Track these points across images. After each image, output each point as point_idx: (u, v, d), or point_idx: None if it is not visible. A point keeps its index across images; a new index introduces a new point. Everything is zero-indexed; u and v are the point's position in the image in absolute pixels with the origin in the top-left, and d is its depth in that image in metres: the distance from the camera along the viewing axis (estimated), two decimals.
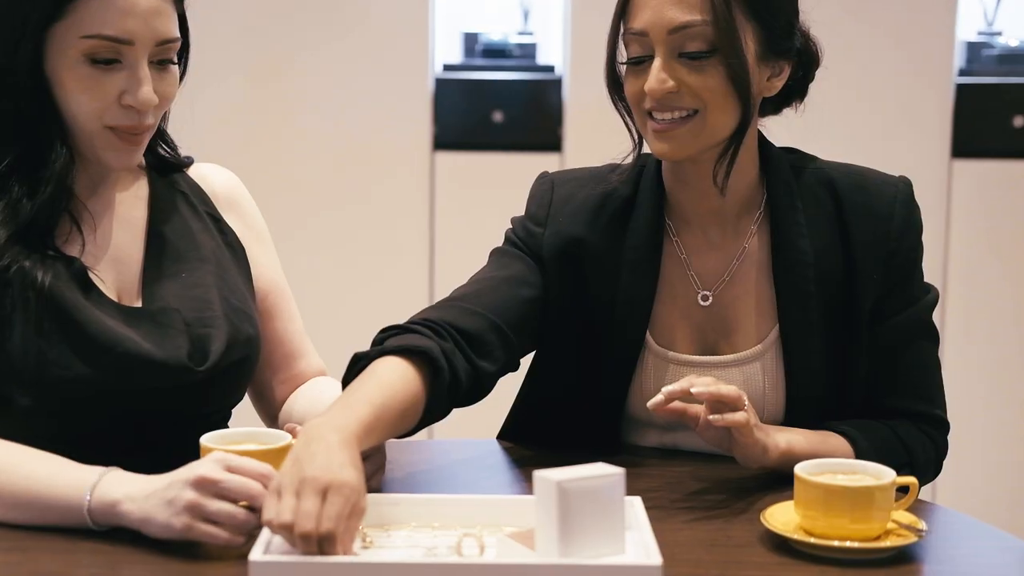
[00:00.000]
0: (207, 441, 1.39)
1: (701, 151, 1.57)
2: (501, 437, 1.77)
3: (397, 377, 1.45)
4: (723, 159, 1.58)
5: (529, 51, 3.45)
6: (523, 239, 1.69)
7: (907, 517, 1.37)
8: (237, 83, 3.25)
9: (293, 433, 1.43)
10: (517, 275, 1.65)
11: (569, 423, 1.69)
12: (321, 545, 1.21)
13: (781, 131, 1.70)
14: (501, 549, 1.25)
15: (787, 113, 1.68)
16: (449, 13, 3.47)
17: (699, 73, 1.53)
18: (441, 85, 3.35)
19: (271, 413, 1.74)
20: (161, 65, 1.51)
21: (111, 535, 1.31)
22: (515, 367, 1.66)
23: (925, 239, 1.68)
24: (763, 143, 1.67)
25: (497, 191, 3.10)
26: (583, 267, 1.66)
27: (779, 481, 1.50)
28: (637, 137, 1.64)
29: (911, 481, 1.38)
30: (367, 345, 1.53)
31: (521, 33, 3.48)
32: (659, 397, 1.45)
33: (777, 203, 1.63)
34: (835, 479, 1.34)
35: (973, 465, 3.41)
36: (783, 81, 1.61)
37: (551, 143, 3.35)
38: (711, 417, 1.45)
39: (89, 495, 1.31)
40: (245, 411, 1.71)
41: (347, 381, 1.48)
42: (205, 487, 1.27)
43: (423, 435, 1.63)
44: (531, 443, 1.73)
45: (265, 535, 1.24)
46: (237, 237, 1.68)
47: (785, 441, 1.53)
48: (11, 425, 1.47)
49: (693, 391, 1.44)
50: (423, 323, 1.54)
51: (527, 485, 1.42)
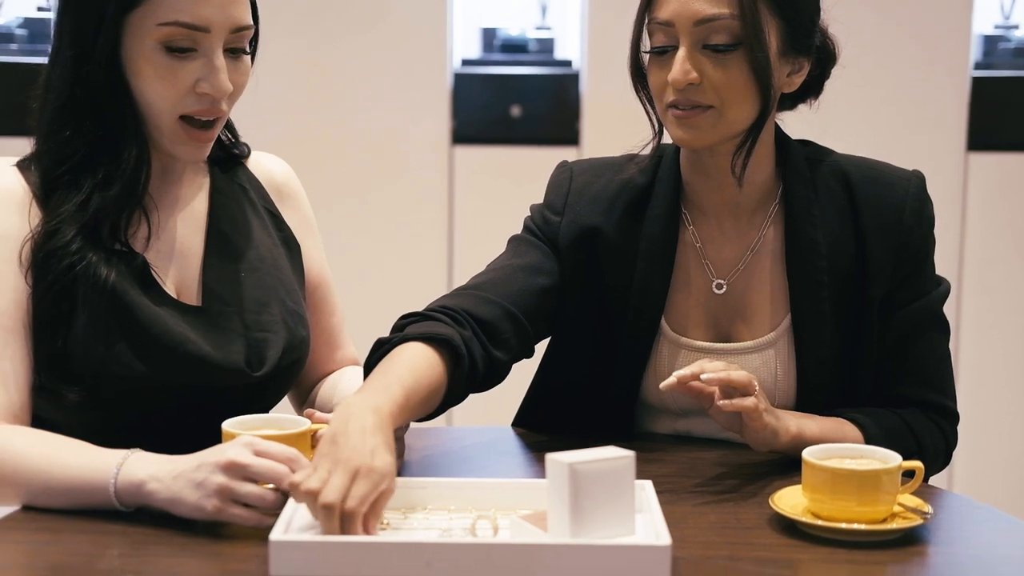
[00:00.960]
0: (229, 427, 1.42)
1: (720, 141, 1.59)
2: (516, 424, 1.80)
3: (423, 362, 1.48)
4: (740, 151, 1.60)
5: (547, 46, 3.46)
6: (540, 227, 1.72)
7: (913, 500, 1.39)
8: (255, 78, 3.26)
9: (312, 418, 1.46)
10: (533, 263, 1.68)
11: (583, 410, 1.72)
12: (343, 523, 1.23)
13: (798, 125, 1.72)
14: (514, 530, 1.28)
15: (803, 107, 1.70)
16: (468, 8, 3.49)
17: (722, 66, 1.55)
18: (460, 80, 3.37)
19: (302, 399, 1.77)
20: (234, 54, 1.53)
21: (137, 517, 1.34)
22: (529, 354, 1.68)
23: (941, 232, 1.70)
24: (780, 136, 1.69)
25: (515, 185, 3.13)
26: (599, 255, 1.68)
27: (788, 466, 1.53)
28: (657, 126, 1.66)
29: (917, 465, 1.40)
30: (384, 330, 1.56)
31: (539, 28, 3.49)
32: (671, 380, 1.47)
33: (792, 195, 1.65)
34: (842, 463, 1.36)
35: (989, 457, 3.42)
36: (802, 78, 1.63)
37: (569, 137, 3.37)
38: (720, 402, 1.48)
39: (115, 476, 1.34)
40: None
41: (370, 365, 1.50)
42: (235, 470, 1.30)
43: (440, 421, 1.66)
44: (545, 430, 1.75)
45: (286, 515, 1.26)
46: (293, 233, 1.69)
47: (796, 426, 1.55)
48: (56, 415, 1.50)
49: (703, 377, 1.46)
50: (442, 311, 1.56)
51: (540, 469, 1.45)
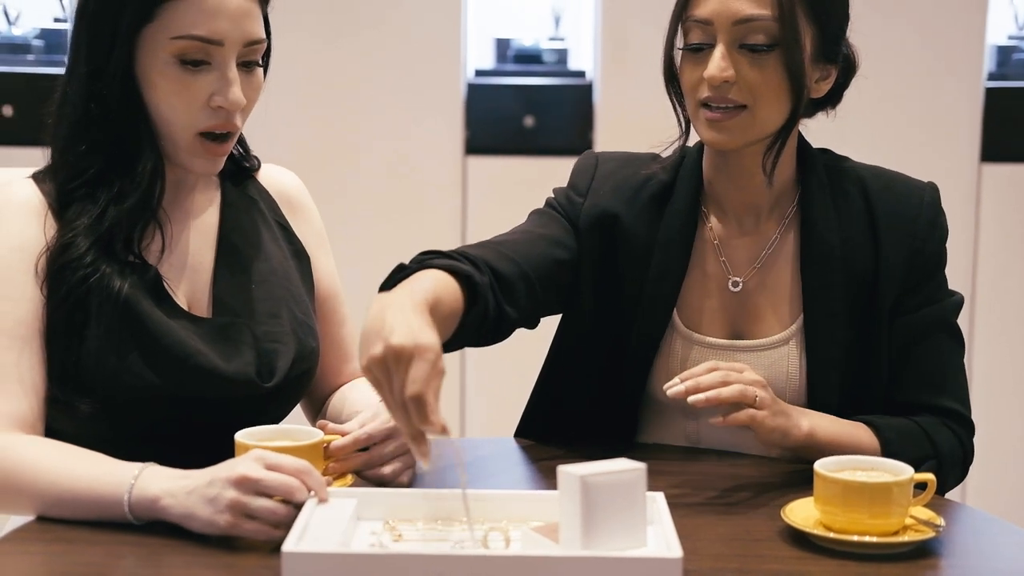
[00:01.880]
0: (242, 438, 1.42)
1: (749, 143, 1.62)
2: (518, 435, 1.79)
3: (446, 285, 1.46)
4: (771, 151, 1.62)
5: (561, 56, 3.47)
6: (564, 206, 1.73)
7: (925, 513, 1.38)
8: (269, 87, 3.27)
9: (325, 430, 1.47)
10: (554, 235, 1.69)
11: (587, 414, 1.72)
12: (416, 408, 1.25)
13: (811, 134, 1.74)
14: (526, 542, 1.28)
15: (818, 116, 1.72)
16: (481, 19, 3.50)
17: (757, 66, 1.57)
18: (473, 90, 3.38)
19: (315, 411, 1.77)
20: (247, 68, 1.54)
21: (152, 528, 1.35)
22: (534, 324, 1.68)
23: (954, 243, 1.71)
24: (801, 141, 1.71)
25: (529, 195, 3.09)
26: (617, 242, 1.69)
27: (799, 478, 1.52)
28: (684, 125, 1.68)
29: (929, 478, 1.40)
30: None
31: (552, 39, 3.50)
32: (676, 383, 1.47)
33: (811, 198, 1.67)
34: (854, 475, 1.36)
35: (1002, 469, 3.40)
36: (829, 84, 1.65)
37: (583, 148, 3.34)
38: (711, 420, 1.49)
39: (129, 492, 1.35)
40: None
41: (386, 285, 1.46)
42: (247, 485, 1.30)
43: (455, 433, 1.66)
44: (550, 436, 1.74)
45: (298, 526, 1.26)
46: (303, 245, 1.70)
47: (808, 424, 1.55)
48: (68, 427, 1.51)
49: (690, 400, 1.46)
50: (463, 255, 1.55)
51: (549, 481, 1.45)
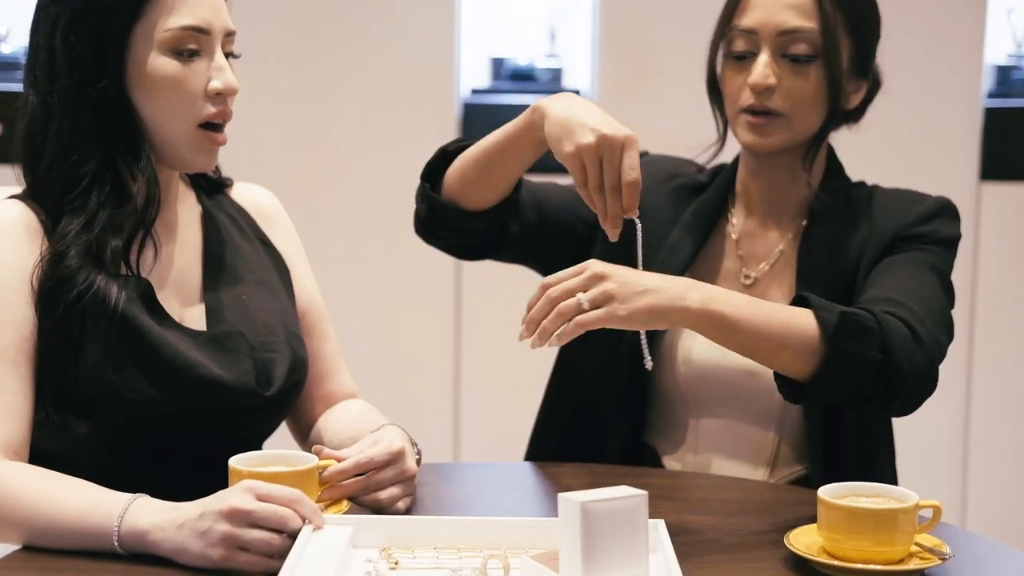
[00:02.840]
0: (236, 463, 1.40)
1: (785, 148, 1.70)
2: (528, 457, 1.79)
3: None
4: (808, 154, 1.71)
5: (556, 75, 3.46)
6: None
7: (931, 540, 1.37)
8: (262, 104, 3.26)
9: (320, 455, 1.45)
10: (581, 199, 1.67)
11: (594, 415, 1.74)
12: (630, 192, 1.43)
13: None
14: (526, 571, 1.26)
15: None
16: (476, 38, 3.49)
17: (799, 76, 1.66)
18: (468, 109, 3.37)
19: (303, 432, 1.75)
20: (227, 58, 1.55)
21: (140, 556, 1.32)
22: (536, 256, 1.81)
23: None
24: (832, 158, 1.76)
25: None
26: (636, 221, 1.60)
27: (803, 504, 1.51)
28: (722, 129, 1.76)
29: (935, 505, 1.38)
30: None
31: (548, 56, 3.50)
32: (522, 330, 1.43)
33: (824, 215, 1.72)
34: (858, 502, 1.34)
35: (1003, 485, 3.39)
36: (860, 97, 1.73)
37: None
38: (548, 344, 1.42)
39: (118, 525, 1.33)
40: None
41: (431, 168, 1.85)
42: (238, 518, 1.28)
43: (449, 457, 1.64)
44: (557, 451, 1.75)
45: (293, 556, 1.25)
46: (283, 259, 1.70)
47: (700, 297, 1.44)
48: (62, 448, 1.48)
49: (532, 347, 1.44)
50: None
51: (551, 507, 1.43)
